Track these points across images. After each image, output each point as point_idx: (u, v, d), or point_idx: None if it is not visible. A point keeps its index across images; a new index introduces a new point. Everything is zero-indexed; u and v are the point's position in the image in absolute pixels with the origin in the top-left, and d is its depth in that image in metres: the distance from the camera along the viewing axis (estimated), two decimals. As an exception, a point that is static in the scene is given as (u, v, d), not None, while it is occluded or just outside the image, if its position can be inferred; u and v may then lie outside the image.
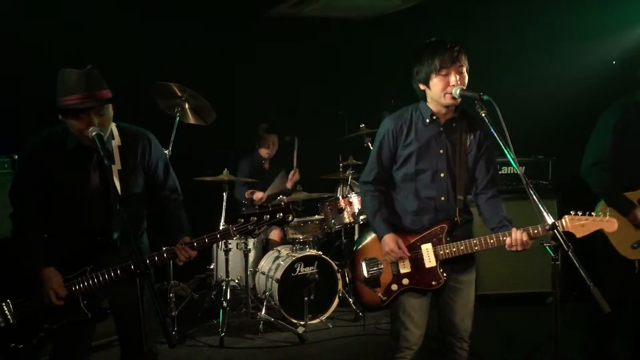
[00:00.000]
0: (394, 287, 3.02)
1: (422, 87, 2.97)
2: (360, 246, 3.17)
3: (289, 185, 6.35)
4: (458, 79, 2.84)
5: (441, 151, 2.99)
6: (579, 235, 2.77)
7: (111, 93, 2.79)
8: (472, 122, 3.01)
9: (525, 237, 2.76)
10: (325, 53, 6.87)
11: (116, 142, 2.88)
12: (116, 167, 2.83)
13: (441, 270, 2.96)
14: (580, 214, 2.78)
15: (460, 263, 3.02)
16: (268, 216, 2.80)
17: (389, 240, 2.98)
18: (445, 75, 2.85)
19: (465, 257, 3.02)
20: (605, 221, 2.77)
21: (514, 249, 2.79)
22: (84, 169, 2.83)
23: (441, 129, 3.00)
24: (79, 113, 2.67)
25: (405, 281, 3.00)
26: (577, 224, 2.76)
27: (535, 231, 2.76)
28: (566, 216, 2.76)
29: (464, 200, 3.01)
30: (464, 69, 2.89)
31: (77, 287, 2.78)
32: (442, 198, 2.99)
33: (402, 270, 3.01)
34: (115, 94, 2.80)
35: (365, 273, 3.07)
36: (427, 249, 2.97)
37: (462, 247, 2.92)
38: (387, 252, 2.99)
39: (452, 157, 2.99)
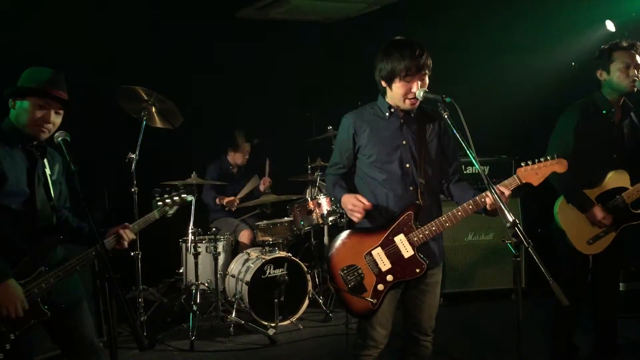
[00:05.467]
0: (380, 286, 3.00)
1: (384, 84, 3.05)
2: (334, 257, 3.08)
3: (261, 188, 6.38)
4: (420, 85, 2.94)
5: (404, 142, 3.06)
6: (536, 183, 2.88)
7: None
8: (430, 114, 3.11)
9: (506, 192, 2.85)
10: (292, 55, 6.90)
11: None
12: (47, 171, 2.97)
13: (420, 255, 2.99)
14: (530, 163, 2.89)
15: (431, 264, 3.05)
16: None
17: (347, 198, 3.06)
18: (408, 82, 2.94)
19: (435, 257, 3.08)
20: (555, 163, 2.89)
21: (494, 206, 2.82)
22: (31, 167, 2.90)
23: (401, 120, 3.08)
24: (44, 104, 2.83)
25: (390, 277, 2.99)
26: (530, 173, 2.88)
27: (513, 182, 2.88)
28: (518, 169, 2.89)
29: (427, 185, 3.06)
30: (427, 76, 2.99)
31: (36, 289, 2.78)
32: (411, 188, 3.05)
33: (384, 268, 3.00)
34: (70, 100, 2.94)
35: (346, 283, 3.02)
36: (400, 240, 2.99)
37: (433, 228, 2.97)
38: (350, 210, 3.02)
39: (415, 146, 3.06)
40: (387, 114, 3.08)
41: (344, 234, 3.12)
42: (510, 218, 2.52)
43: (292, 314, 5.31)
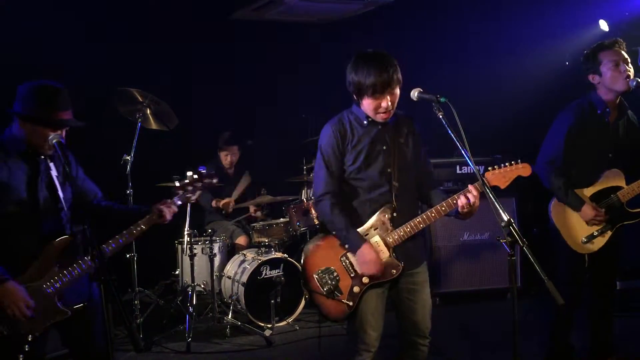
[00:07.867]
0: (356, 289, 3.00)
1: (355, 96, 3.04)
2: (309, 260, 3.07)
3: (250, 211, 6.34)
4: (389, 99, 2.93)
5: (384, 147, 3.05)
6: (502, 186, 2.98)
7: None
8: (404, 119, 3.12)
9: (474, 192, 2.88)
10: (287, 56, 6.90)
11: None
12: (54, 172, 2.96)
13: (396, 257, 3.00)
14: (497, 167, 3.01)
15: (412, 264, 3.07)
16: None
17: (369, 253, 2.95)
18: (377, 99, 2.93)
19: (416, 257, 3.09)
20: (520, 167, 3.01)
21: (466, 209, 2.89)
22: (33, 173, 2.89)
23: (379, 127, 3.07)
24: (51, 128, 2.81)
25: (365, 279, 2.99)
26: (498, 176, 2.99)
27: (480, 185, 2.86)
28: (487, 173, 2.99)
29: (401, 188, 3.05)
30: (396, 90, 2.95)
31: (51, 289, 2.80)
32: (387, 190, 3.04)
33: (360, 270, 3.01)
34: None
35: (322, 286, 3.02)
36: (376, 241, 3.00)
37: (408, 229, 2.98)
38: (366, 263, 2.95)
39: (393, 150, 3.05)
40: (365, 121, 3.07)
41: (319, 236, 3.13)
42: (505, 217, 2.53)
43: (289, 314, 5.31)
